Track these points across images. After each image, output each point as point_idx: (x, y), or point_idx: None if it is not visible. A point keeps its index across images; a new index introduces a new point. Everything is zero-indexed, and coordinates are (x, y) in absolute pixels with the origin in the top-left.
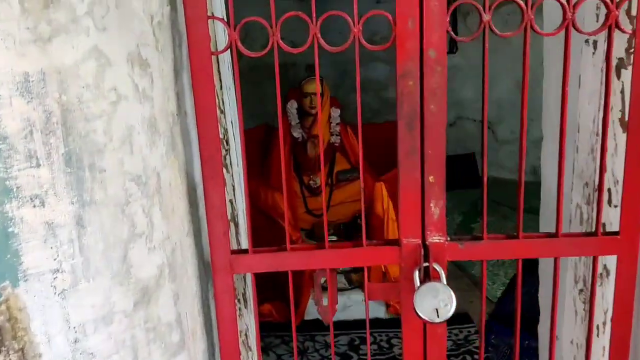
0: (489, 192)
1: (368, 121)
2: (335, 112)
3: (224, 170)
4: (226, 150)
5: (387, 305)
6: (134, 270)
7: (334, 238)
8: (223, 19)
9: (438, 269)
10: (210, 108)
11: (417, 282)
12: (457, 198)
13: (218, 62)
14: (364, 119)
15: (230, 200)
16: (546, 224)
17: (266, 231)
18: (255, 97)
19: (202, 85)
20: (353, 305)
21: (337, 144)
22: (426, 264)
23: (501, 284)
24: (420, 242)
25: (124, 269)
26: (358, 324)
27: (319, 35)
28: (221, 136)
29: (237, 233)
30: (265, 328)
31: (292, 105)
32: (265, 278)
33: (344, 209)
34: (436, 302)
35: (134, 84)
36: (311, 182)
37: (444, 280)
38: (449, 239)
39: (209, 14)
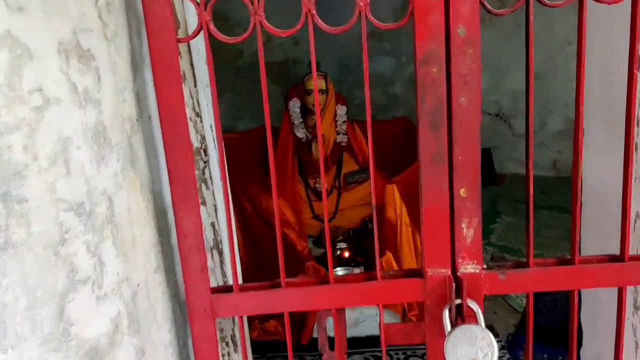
0: (507, 188)
1: (374, 118)
2: (342, 110)
3: (203, 186)
4: (205, 162)
5: (404, 316)
6: (76, 329)
7: (343, 245)
8: None
9: (474, 308)
10: (177, 110)
11: (448, 325)
12: None
13: (191, 54)
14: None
15: (213, 224)
16: (592, 234)
17: (269, 240)
18: (256, 96)
19: (166, 82)
20: (366, 320)
21: (344, 144)
22: (458, 301)
23: None
24: (449, 272)
25: (61, 329)
26: (372, 341)
27: (314, 12)
28: (197, 145)
29: (222, 263)
30: (271, 348)
31: (295, 104)
32: None
33: (353, 214)
34: (473, 350)
35: (70, 82)
36: (317, 185)
37: (482, 322)
38: (485, 266)
39: None
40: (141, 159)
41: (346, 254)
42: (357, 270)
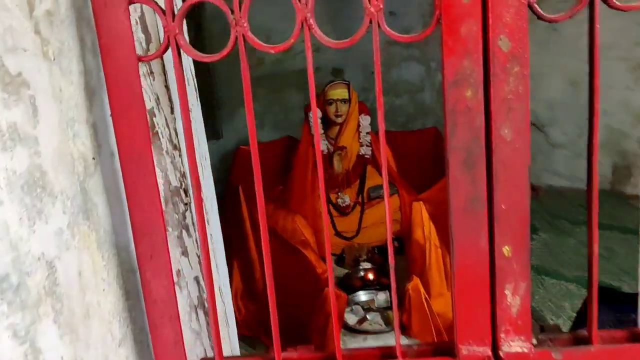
0: (542, 202)
1: (402, 127)
2: (365, 120)
3: (185, 234)
4: (186, 205)
5: None
6: None
7: (367, 266)
8: (155, 2)
9: None
10: (140, 145)
11: None
12: None
13: (166, 74)
14: (396, 125)
15: (197, 279)
16: None
17: (286, 263)
18: (276, 106)
19: (125, 110)
20: None
21: (367, 156)
22: None
23: (567, 318)
24: (489, 351)
25: None
26: None
27: (311, 22)
28: (176, 184)
29: (208, 324)
30: None
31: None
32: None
33: (377, 231)
34: None
35: None
36: (339, 200)
37: None
38: (535, 342)
39: None
40: (99, 206)
41: (370, 276)
42: (381, 295)
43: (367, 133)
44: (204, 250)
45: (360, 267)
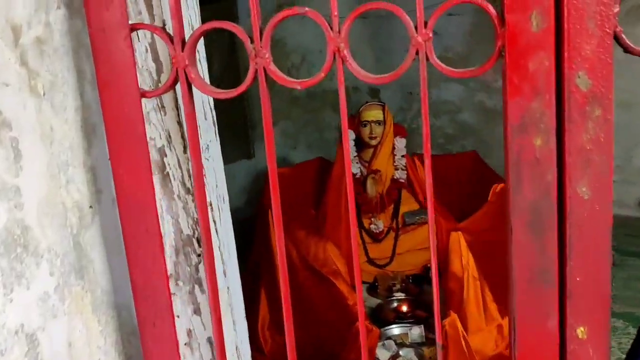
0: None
1: (441, 148)
2: (400, 143)
3: (197, 289)
4: (199, 256)
5: None
6: None
7: (401, 296)
8: (162, 28)
9: None
10: (142, 192)
11: None
12: None
13: (179, 109)
14: (435, 146)
15: (210, 340)
16: None
17: (317, 293)
18: (311, 126)
19: (125, 152)
20: None
21: (402, 180)
22: None
23: None
24: None
25: None
26: None
27: (345, 53)
28: (188, 232)
29: None
30: None
31: (349, 136)
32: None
33: (412, 258)
34: None
35: None
36: (372, 225)
37: None
38: None
39: (136, 16)
40: (96, 262)
41: (404, 308)
42: (415, 330)
43: (402, 156)
44: (213, 309)
45: (394, 298)
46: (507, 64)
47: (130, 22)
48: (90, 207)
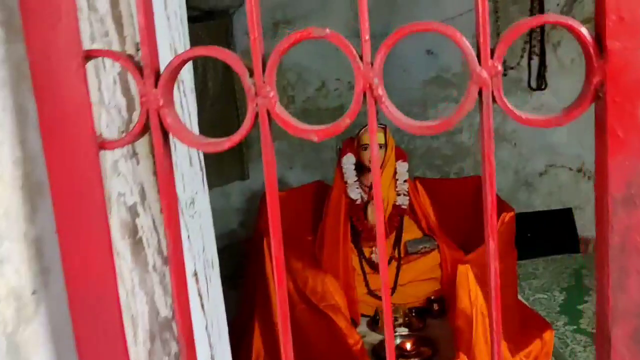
0: (592, 257)
1: (439, 170)
2: (402, 167)
3: None
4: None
5: None
6: None
7: (404, 331)
8: (129, 57)
9: None
10: (103, 277)
11: None
12: (554, 267)
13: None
14: (432, 167)
15: None
16: None
17: (314, 329)
18: (308, 146)
19: (75, 221)
20: None
21: (404, 206)
22: None
23: None
24: None
25: None
26: None
27: (380, 93)
28: (166, 313)
29: None
30: None
31: (349, 160)
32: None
33: (415, 289)
34: None
35: None
36: (373, 255)
37: None
38: None
39: (101, 38)
40: None
41: (408, 346)
42: None
43: (405, 181)
44: None
45: (396, 334)
46: (607, 108)
47: (92, 45)
48: (34, 293)
